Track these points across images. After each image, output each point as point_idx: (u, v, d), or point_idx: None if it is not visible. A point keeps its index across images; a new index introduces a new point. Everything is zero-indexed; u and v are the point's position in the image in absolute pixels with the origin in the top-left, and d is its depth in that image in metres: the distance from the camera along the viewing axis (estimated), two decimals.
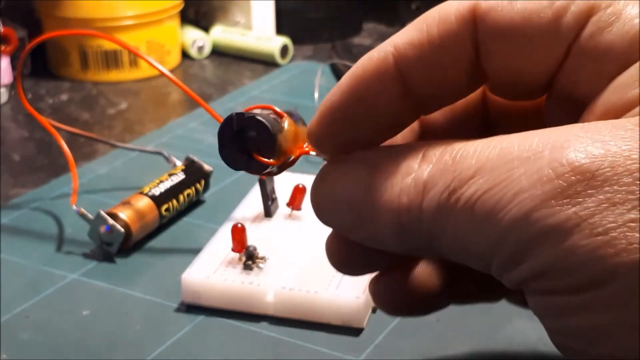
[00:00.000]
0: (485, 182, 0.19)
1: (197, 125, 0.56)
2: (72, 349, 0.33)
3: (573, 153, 0.18)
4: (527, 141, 0.19)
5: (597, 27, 0.20)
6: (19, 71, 0.43)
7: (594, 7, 0.20)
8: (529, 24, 0.20)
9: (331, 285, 0.35)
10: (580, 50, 0.20)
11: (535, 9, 0.20)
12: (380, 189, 0.21)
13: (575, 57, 0.20)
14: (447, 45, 0.21)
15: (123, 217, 0.40)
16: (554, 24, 0.20)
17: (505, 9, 0.20)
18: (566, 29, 0.20)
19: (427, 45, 0.21)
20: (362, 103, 0.21)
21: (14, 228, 0.43)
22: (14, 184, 0.49)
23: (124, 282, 0.38)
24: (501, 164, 0.19)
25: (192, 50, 0.72)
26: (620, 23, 0.20)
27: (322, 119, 0.22)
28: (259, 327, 0.35)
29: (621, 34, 0.19)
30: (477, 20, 0.20)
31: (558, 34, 0.20)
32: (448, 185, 0.19)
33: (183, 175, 0.44)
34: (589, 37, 0.20)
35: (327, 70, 0.65)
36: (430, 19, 0.21)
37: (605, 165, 0.18)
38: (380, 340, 0.34)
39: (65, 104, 0.62)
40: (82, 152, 0.52)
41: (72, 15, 0.65)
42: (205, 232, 0.41)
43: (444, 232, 0.20)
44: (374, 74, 0.21)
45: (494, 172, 0.19)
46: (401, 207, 0.20)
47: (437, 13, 0.21)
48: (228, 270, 0.36)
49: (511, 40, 0.20)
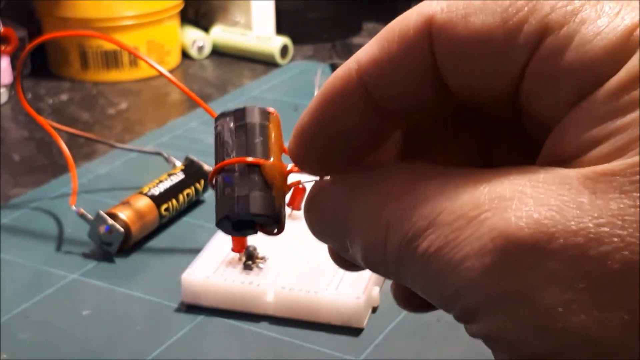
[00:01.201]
0: (437, 239, 0.19)
1: (197, 125, 0.56)
2: (72, 349, 0.33)
3: (514, 220, 0.17)
4: (477, 192, 0.18)
5: (550, 50, 0.18)
6: (18, 71, 0.43)
7: (547, 28, 0.18)
8: (481, 45, 0.19)
9: (331, 285, 0.35)
10: (533, 74, 0.19)
11: (487, 29, 0.19)
12: (354, 219, 0.21)
13: (529, 81, 0.19)
14: (408, 61, 0.20)
15: (123, 217, 0.40)
16: (506, 45, 0.19)
17: (459, 27, 0.19)
18: (518, 51, 0.19)
19: (388, 61, 0.20)
20: (332, 122, 0.21)
21: (14, 228, 0.43)
22: (14, 184, 0.49)
23: (124, 282, 0.38)
24: (451, 220, 0.19)
25: (192, 50, 0.72)
26: (574, 46, 0.18)
27: (298, 140, 0.22)
28: (259, 327, 0.35)
29: (575, 59, 0.18)
30: (433, 36, 0.20)
31: (510, 56, 0.19)
32: (406, 233, 0.19)
33: (182, 175, 0.44)
34: (541, 61, 0.19)
35: (327, 70, 0.65)
36: (390, 33, 0.20)
37: (544, 239, 0.17)
38: (380, 340, 0.34)
39: (65, 104, 0.62)
40: (82, 152, 0.52)
41: (72, 15, 0.65)
42: (205, 232, 0.41)
43: (406, 275, 0.20)
44: (340, 92, 0.21)
45: (445, 229, 0.19)
46: (367, 245, 0.21)
47: (397, 27, 0.20)
48: (228, 270, 0.36)
49: (465, 59, 0.19)
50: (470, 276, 0.18)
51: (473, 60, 0.19)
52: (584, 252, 0.17)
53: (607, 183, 0.17)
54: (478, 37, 0.19)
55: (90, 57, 0.66)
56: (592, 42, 0.18)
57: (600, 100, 0.18)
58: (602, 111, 0.18)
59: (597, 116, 0.18)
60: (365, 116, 0.21)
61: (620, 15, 0.18)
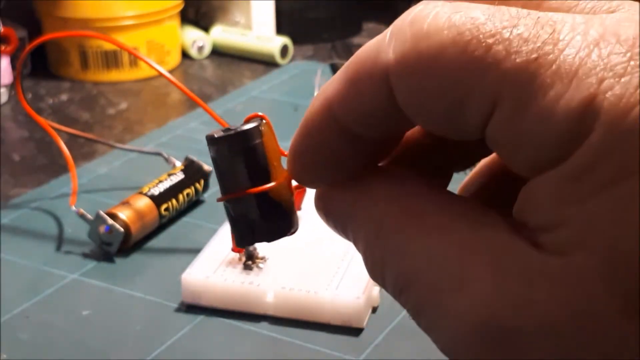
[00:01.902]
0: (415, 303, 0.19)
1: (197, 125, 0.56)
2: (72, 349, 0.33)
3: (468, 308, 0.18)
4: (447, 259, 0.19)
5: (501, 127, 0.18)
6: (18, 71, 0.43)
7: (499, 97, 0.17)
8: (433, 106, 0.18)
9: (331, 285, 0.35)
10: (488, 142, 0.18)
11: (438, 93, 0.18)
12: (357, 235, 0.21)
13: (489, 141, 0.18)
14: (371, 100, 0.20)
15: (122, 217, 0.40)
16: (459, 103, 0.18)
17: (412, 85, 0.19)
18: (470, 118, 0.18)
19: (353, 97, 0.20)
20: (314, 149, 0.22)
21: (14, 228, 0.43)
22: (14, 184, 0.49)
23: (124, 282, 0.38)
24: (424, 287, 0.19)
25: (192, 50, 0.72)
26: (528, 121, 0.17)
27: (293, 162, 0.23)
28: (259, 327, 0.35)
29: (535, 123, 0.17)
30: (392, 88, 0.19)
31: (464, 122, 0.18)
32: (397, 279, 0.20)
33: (182, 175, 0.44)
34: (493, 132, 0.18)
35: (327, 70, 0.65)
36: (352, 71, 0.20)
37: (492, 327, 0.18)
38: (380, 340, 0.34)
39: (65, 104, 0.62)
40: (82, 152, 0.52)
41: (72, 16, 0.65)
42: (205, 232, 0.41)
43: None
44: (317, 124, 0.21)
45: (418, 296, 0.19)
46: (369, 269, 0.21)
47: (359, 67, 0.20)
48: (228, 270, 0.36)
49: (421, 115, 0.19)
50: (448, 346, 0.19)
51: (430, 114, 0.19)
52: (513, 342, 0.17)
53: (545, 277, 0.17)
54: (433, 93, 0.18)
55: (90, 57, 0.66)
56: (553, 109, 0.17)
57: (561, 179, 0.17)
58: (560, 192, 0.17)
59: (555, 196, 0.17)
60: (344, 145, 0.21)
61: (577, 79, 0.17)
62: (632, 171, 0.16)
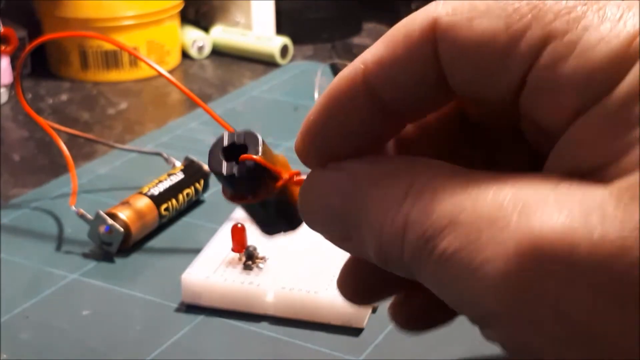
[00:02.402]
0: (455, 239, 0.18)
1: (197, 125, 0.56)
2: (72, 349, 0.33)
3: (539, 226, 0.17)
4: (500, 196, 0.18)
5: (552, 57, 0.18)
6: (18, 72, 0.43)
7: (550, 35, 0.18)
8: (484, 48, 0.19)
9: (331, 285, 0.35)
10: (535, 81, 0.19)
11: (491, 33, 0.19)
12: (366, 211, 0.21)
13: (531, 87, 0.19)
14: (412, 62, 0.20)
15: (122, 217, 0.40)
16: (507, 50, 0.19)
17: (463, 29, 0.19)
18: (520, 58, 0.19)
19: (394, 61, 0.20)
20: (337, 120, 0.22)
21: (14, 228, 0.43)
22: (14, 184, 0.49)
23: (124, 282, 0.38)
24: (472, 220, 0.18)
25: (192, 50, 0.72)
26: (576, 53, 0.18)
27: (304, 136, 0.22)
28: (259, 327, 0.35)
29: (577, 66, 0.18)
30: (438, 38, 0.20)
31: (511, 62, 0.19)
32: (424, 231, 0.19)
33: (182, 175, 0.44)
34: (543, 68, 0.18)
35: (327, 70, 0.65)
36: (396, 34, 0.21)
37: (568, 248, 0.17)
38: (380, 341, 0.34)
39: (65, 104, 0.62)
40: (82, 152, 0.52)
41: (72, 16, 0.65)
42: (205, 232, 0.41)
43: (420, 273, 0.20)
44: (345, 91, 0.21)
45: (465, 229, 0.18)
46: (383, 239, 0.20)
47: (403, 28, 0.20)
48: (228, 270, 0.36)
49: (467, 62, 0.19)
50: (490, 281, 0.18)
51: (475, 64, 0.19)
52: (609, 262, 0.16)
53: (631, 195, 0.17)
54: (481, 41, 0.19)
55: (90, 57, 0.66)
56: (595, 49, 0.18)
57: (611, 111, 0.17)
58: (614, 122, 0.17)
59: (609, 127, 0.17)
60: (370, 116, 0.21)
61: (622, 21, 0.18)
62: None
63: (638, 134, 0.17)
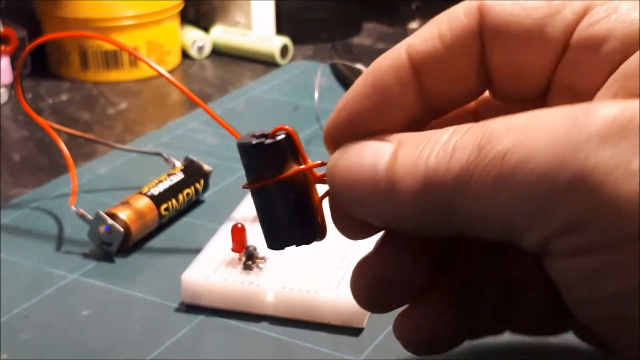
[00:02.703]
0: (516, 137, 0.18)
1: (198, 125, 0.56)
2: (72, 349, 0.33)
3: (605, 107, 0.18)
4: (558, 107, 0.19)
5: (594, 19, 0.20)
6: (18, 71, 0.43)
7: (590, 5, 0.21)
8: (528, 18, 0.21)
9: (331, 285, 0.35)
10: (578, 40, 0.21)
11: (534, 4, 0.21)
12: (406, 156, 0.20)
13: (573, 49, 0.21)
14: (458, 42, 0.22)
15: (122, 217, 0.40)
16: (551, 17, 0.21)
17: (507, 4, 0.21)
18: (563, 21, 0.21)
19: (439, 41, 0.22)
20: (379, 96, 0.22)
21: (14, 228, 0.43)
22: (14, 184, 0.49)
23: (124, 282, 0.38)
24: (533, 120, 0.18)
25: (192, 50, 0.72)
26: (616, 15, 0.20)
27: (341, 111, 0.23)
28: (259, 327, 0.35)
29: (618, 23, 0.20)
30: (483, 16, 0.21)
31: (555, 27, 0.21)
32: (477, 143, 0.19)
33: (182, 175, 0.44)
34: (586, 26, 0.21)
35: (327, 70, 0.65)
36: (441, 17, 0.22)
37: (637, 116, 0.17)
38: (380, 340, 0.34)
39: (66, 104, 0.62)
40: (82, 152, 0.52)
41: (72, 16, 0.65)
42: (205, 232, 0.41)
43: (465, 193, 0.19)
44: (390, 69, 0.22)
45: (526, 128, 0.18)
46: (428, 170, 0.20)
47: (447, 12, 0.22)
48: (228, 270, 0.36)
49: (512, 33, 0.21)
50: (560, 152, 0.17)
51: (521, 33, 0.21)
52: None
53: None
54: (526, 11, 0.21)
55: (90, 57, 0.66)
56: (630, 13, 0.20)
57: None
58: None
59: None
60: (410, 96, 0.22)
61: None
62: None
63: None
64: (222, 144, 0.52)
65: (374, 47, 0.75)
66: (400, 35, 0.78)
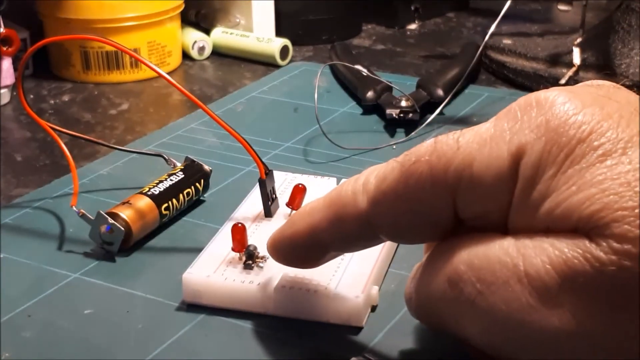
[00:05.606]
0: (477, 282, 0.24)
1: (198, 126, 0.56)
2: (74, 348, 0.34)
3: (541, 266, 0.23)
4: (505, 244, 0.25)
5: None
6: (20, 73, 0.43)
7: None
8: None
9: (330, 285, 0.35)
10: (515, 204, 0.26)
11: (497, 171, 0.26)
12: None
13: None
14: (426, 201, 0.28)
15: (123, 216, 0.40)
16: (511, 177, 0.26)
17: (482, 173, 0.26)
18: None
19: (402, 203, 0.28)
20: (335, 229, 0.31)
21: (16, 228, 0.43)
22: (16, 184, 0.49)
23: (125, 282, 0.38)
24: (485, 264, 0.24)
25: (193, 51, 0.72)
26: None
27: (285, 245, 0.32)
28: (260, 326, 0.35)
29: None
30: (460, 179, 0.27)
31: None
32: (448, 277, 0.26)
33: (182, 174, 0.44)
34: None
35: (326, 71, 0.65)
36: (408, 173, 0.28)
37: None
38: (380, 339, 0.34)
39: (67, 105, 0.62)
40: (84, 153, 0.53)
41: (73, 16, 0.65)
42: (206, 232, 0.41)
43: (445, 316, 0.27)
44: (344, 215, 0.30)
45: (482, 272, 0.24)
46: (419, 290, 0.29)
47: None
48: (228, 269, 0.36)
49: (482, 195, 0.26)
50: (518, 317, 0.24)
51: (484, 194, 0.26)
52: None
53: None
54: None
55: (92, 58, 0.66)
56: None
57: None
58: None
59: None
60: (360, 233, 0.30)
61: None
62: None
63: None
64: (222, 145, 0.52)
65: (373, 48, 0.76)
66: (399, 36, 0.79)
